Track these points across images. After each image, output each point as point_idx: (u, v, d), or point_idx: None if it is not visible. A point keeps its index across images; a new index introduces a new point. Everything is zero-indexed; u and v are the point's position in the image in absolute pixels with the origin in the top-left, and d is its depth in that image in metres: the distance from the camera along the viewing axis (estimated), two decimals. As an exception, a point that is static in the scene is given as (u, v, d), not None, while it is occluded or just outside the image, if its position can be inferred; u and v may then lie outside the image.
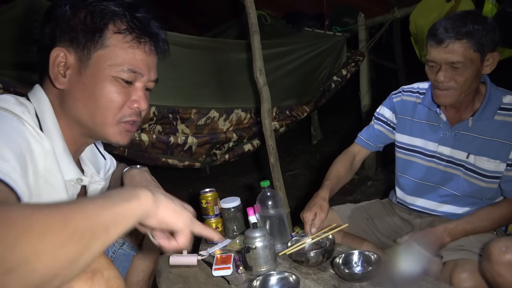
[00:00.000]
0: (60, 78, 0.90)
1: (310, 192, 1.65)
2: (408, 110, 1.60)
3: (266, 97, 2.28)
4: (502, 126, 1.37)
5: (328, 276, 1.29)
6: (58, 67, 0.90)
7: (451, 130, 1.46)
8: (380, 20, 3.44)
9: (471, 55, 1.29)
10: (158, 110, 2.53)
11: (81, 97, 0.91)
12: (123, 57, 0.91)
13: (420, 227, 1.57)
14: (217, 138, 2.76)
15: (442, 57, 1.31)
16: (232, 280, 1.34)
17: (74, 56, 0.90)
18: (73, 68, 0.90)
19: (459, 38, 1.27)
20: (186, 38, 2.71)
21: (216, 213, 1.66)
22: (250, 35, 2.24)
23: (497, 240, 1.15)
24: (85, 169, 1.07)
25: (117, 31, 0.90)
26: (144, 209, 0.66)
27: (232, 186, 3.91)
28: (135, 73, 0.93)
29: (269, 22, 3.98)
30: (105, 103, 0.92)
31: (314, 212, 1.45)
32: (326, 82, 3.36)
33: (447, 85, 1.34)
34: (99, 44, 0.89)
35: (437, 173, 1.52)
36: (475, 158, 1.41)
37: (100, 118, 0.93)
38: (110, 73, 0.91)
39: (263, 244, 1.33)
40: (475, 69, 1.31)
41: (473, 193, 1.45)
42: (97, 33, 0.89)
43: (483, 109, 1.39)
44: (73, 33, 0.88)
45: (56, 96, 0.94)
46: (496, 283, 1.13)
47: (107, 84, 0.91)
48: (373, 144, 1.74)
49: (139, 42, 0.93)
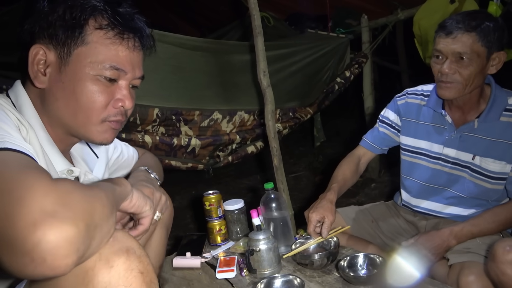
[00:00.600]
0: (39, 77, 0.87)
1: (313, 194, 1.64)
2: (413, 113, 1.59)
3: (269, 98, 2.28)
4: (508, 127, 1.36)
5: (332, 279, 1.28)
6: (37, 65, 0.86)
7: (456, 131, 1.45)
8: (384, 21, 3.43)
9: (479, 48, 1.29)
10: (161, 112, 2.53)
11: (61, 96, 0.88)
12: (105, 54, 0.87)
13: (425, 229, 1.56)
14: (220, 140, 2.75)
15: (450, 48, 1.31)
16: (236, 283, 1.33)
17: (54, 54, 0.87)
18: (53, 66, 0.87)
19: (469, 30, 1.28)
20: (189, 40, 2.71)
21: (220, 215, 1.65)
22: (254, 36, 2.24)
23: (501, 240, 1.16)
24: (77, 166, 1.04)
25: (98, 27, 0.87)
26: (127, 191, 0.86)
27: (235, 188, 3.90)
28: (118, 70, 0.90)
29: (272, 24, 3.99)
30: (86, 103, 0.89)
31: (322, 215, 1.43)
32: (329, 84, 3.35)
33: (452, 77, 1.33)
34: (80, 41, 0.86)
35: (442, 175, 1.51)
36: (480, 160, 1.40)
37: (82, 118, 0.90)
38: (92, 71, 0.87)
39: (267, 247, 1.32)
40: (480, 64, 1.31)
41: (479, 194, 1.44)
42: (77, 29, 0.85)
43: (489, 111, 1.39)
44: (52, 30, 0.85)
45: (37, 95, 0.91)
46: (500, 282, 1.12)
47: (88, 83, 0.88)
48: (378, 147, 1.74)
49: (122, 38, 0.89)
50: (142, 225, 0.95)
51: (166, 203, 1.08)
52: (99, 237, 0.65)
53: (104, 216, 0.67)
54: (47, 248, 0.55)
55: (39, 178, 0.61)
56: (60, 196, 0.60)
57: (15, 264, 0.56)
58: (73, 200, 0.61)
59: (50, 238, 0.56)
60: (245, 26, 3.99)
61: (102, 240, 0.67)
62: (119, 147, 1.31)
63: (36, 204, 0.57)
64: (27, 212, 0.56)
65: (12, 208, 0.57)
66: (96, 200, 0.66)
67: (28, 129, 0.85)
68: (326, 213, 1.43)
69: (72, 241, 0.58)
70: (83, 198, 0.63)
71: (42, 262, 0.55)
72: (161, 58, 2.49)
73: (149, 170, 1.19)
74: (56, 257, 0.56)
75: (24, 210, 0.56)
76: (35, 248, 0.55)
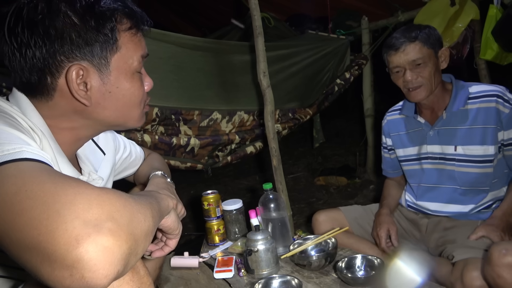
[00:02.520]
0: (86, 96, 0.84)
1: (312, 195, 1.65)
2: (395, 127, 1.75)
3: (269, 99, 2.28)
4: (476, 113, 1.47)
5: (330, 280, 1.28)
6: (79, 85, 0.82)
7: (432, 129, 1.57)
8: (384, 23, 3.43)
9: (427, 51, 1.47)
10: (160, 111, 2.52)
11: (110, 105, 0.88)
12: (135, 51, 0.89)
13: (427, 227, 1.62)
14: (219, 140, 2.75)
15: (404, 59, 1.49)
16: (234, 283, 1.33)
17: (91, 68, 0.83)
18: (95, 80, 0.84)
19: (412, 40, 1.47)
20: (190, 40, 2.71)
21: (218, 215, 1.65)
22: (254, 37, 2.24)
23: (498, 243, 1.18)
24: (82, 166, 1.03)
25: (126, 29, 0.87)
26: (170, 208, 0.85)
27: (234, 188, 3.90)
28: (144, 57, 0.92)
29: (273, 25, 3.98)
30: (135, 100, 0.91)
31: (387, 228, 1.60)
32: (329, 85, 3.35)
33: (416, 82, 1.49)
34: (115, 49, 0.85)
35: (433, 172, 1.59)
36: (463, 149, 1.50)
37: (129, 114, 0.92)
38: (130, 70, 0.89)
39: (265, 247, 1.32)
40: (434, 63, 1.49)
41: (473, 183, 1.50)
42: (112, 39, 0.84)
43: (453, 101, 1.52)
44: (88, 46, 0.81)
45: (42, 104, 0.86)
46: (496, 284, 1.14)
47: (131, 83, 0.89)
48: (396, 171, 1.83)
49: (140, 29, 0.91)
50: (168, 247, 0.95)
51: (183, 215, 1.03)
52: (139, 255, 0.62)
53: (146, 233, 0.63)
54: (87, 266, 0.53)
55: (79, 188, 0.59)
56: (105, 208, 0.57)
57: (52, 277, 0.55)
58: (122, 219, 0.58)
59: (91, 256, 0.53)
60: (245, 26, 3.99)
61: (136, 261, 0.63)
62: (128, 147, 1.31)
63: (78, 217, 0.55)
64: (69, 226, 0.54)
65: (53, 222, 0.54)
66: (141, 216, 0.63)
67: (42, 138, 0.82)
68: (389, 225, 1.62)
69: (113, 262, 0.55)
70: (132, 219, 0.60)
71: (80, 278, 0.54)
72: (161, 57, 2.48)
73: (165, 174, 1.18)
74: (95, 276, 0.54)
75: (66, 224, 0.54)
76: (76, 264, 0.53)
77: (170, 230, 0.89)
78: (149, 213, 0.67)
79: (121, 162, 1.28)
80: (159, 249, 0.97)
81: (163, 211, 0.81)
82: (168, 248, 0.95)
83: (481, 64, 2.67)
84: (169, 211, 0.85)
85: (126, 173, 1.35)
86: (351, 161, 4.26)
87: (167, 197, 0.86)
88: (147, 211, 0.66)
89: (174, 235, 0.92)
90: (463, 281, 1.23)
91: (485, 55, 2.55)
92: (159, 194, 0.83)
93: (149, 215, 0.66)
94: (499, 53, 2.50)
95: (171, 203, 0.86)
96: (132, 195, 0.66)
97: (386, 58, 1.56)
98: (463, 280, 1.23)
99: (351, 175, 3.81)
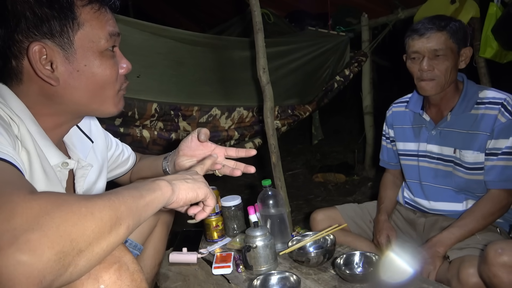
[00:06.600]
0: (52, 75, 0.82)
1: (310, 192, 1.66)
2: (400, 120, 1.71)
3: (269, 95, 2.27)
4: (480, 119, 1.44)
5: (328, 277, 1.28)
6: (44, 65, 0.81)
7: (435, 128, 1.54)
8: (384, 20, 3.43)
9: (451, 44, 1.42)
10: (159, 107, 2.52)
11: (80, 85, 0.86)
12: (100, 27, 0.86)
13: (424, 226, 1.61)
14: (218, 136, 2.75)
15: (426, 47, 1.42)
16: (232, 279, 1.33)
17: (54, 47, 0.81)
18: (60, 60, 0.82)
19: (440, 29, 1.41)
20: (189, 35, 2.69)
21: (217, 211, 1.65)
22: (254, 33, 2.23)
23: (494, 242, 1.18)
24: (70, 154, 1.01)
25: (85, 4, 0.84)
26: (165, 197, 0.76)
27: (233, 185, 3.90)
28: (114, 36, 0.89)
29: (273, 21, 3.97)
30: (106, 79, 0.88)
31: (386, 234, 1.59)
32: (328, 82, 3.35)
33: (431, 74, 1.44)
34: (75, 26, 0.82)
35: (430, 171, 1.58)
36: (460, 153, 1.48)
37: (102, 96, 0.90)
38: (98, 48, 0.86)
39: (263, 243, 1.33)
40: (454, 59, 1.43)
41: (465, 187, 1.50)
42: (70, 15, 0.81)
43: (460, 104, 1.48)
44: (46, 23, 0.79)
45: (21, 91, 0.85)
46: (492, 284, 1.14)
47: (101, 61, 0.87)
48: (395, 163, 1.80)
49: (105, 6, 0.88)
50: (208, 207, 0.91)
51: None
52: (85, 260, 0.57)
53: (98, 235, 0.58)
54: (4, 282, 0.50)
55: (11, 195, 0.55)
56: (34, 216, 0.53)
57: None
58: (49, 222, 0.53)
59: (5, 271, 0.49)
60: (245, 22, 3.98)
61: (91, 264, 0.59)
62: (120, 145, 1.31)
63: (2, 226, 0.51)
64: None
65: None
66: (89, 219, 0.57)
67: (19, 124, 0.81)
68: (388, 231, 1.61)
69: (31, 274, 0.50)
70: (67, 219, 0.55)
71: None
72: (160, 52, 2.48)
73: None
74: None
75: None
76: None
77: (194, 200, 0.84)
78: (105, 213, 0.60)
79: (113, 159, 1.28)
80: (201, 211, 0.91)
81: (154, 200, 0.73)
82: (209, 208, 0.91)
83: (481, 62, 2.68)
84: (167, 197, 0.77)
85: (119, 171, 1.34)
86: (349, 158, 4.27)
87: (163, 186, 0.77)
88: (102, 210, 0.60)
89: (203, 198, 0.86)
90: (459, 277, 1.23)
91: (485, 53, 2.55)
92: (153, 185, 0.75)
93: (103, 215, 0.60)
94: (499, 51, 2.50)
95: (167, 191, 0.77)
96: (84, 196, 0.62)
97: (407, 41, 1.48)
98: (459, 276, 1.23)
99: (350, 172, 3.82)
